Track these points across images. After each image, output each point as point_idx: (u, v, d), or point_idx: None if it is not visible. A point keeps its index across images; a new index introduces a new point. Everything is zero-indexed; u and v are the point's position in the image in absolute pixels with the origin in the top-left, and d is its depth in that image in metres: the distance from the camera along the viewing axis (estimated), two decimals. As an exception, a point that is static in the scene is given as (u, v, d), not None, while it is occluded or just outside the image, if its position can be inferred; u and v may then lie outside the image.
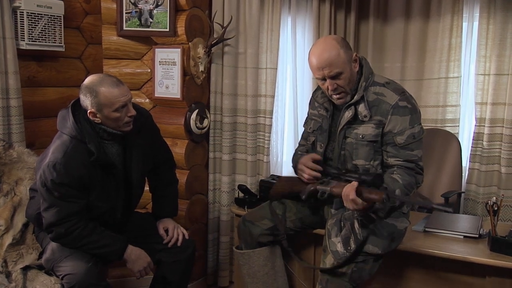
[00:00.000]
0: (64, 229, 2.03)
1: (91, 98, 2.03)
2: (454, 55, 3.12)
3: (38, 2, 2.90)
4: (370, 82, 2.02)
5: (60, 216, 2.02)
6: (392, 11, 3.30)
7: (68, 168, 1.99)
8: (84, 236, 2.05)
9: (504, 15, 2.93)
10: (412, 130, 1.95)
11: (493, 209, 1.77)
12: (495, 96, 2.98)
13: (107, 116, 2.05)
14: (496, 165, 3.01)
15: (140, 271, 2.16)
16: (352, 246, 1.87)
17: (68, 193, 2.01)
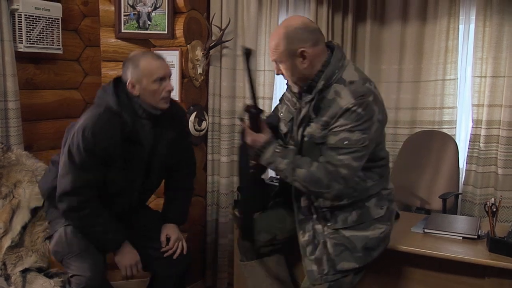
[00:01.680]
0: (77, 202, 2.00)
1: (132, 69, 2.03)
2: (451, 57, 3.14)
3: (36, 5, 2.89)
4: (335, 79, 1.81)
5: (76, 185, 1.99)
6: (389, 13, 3.32)
7: (96, 136, 1.97)
8: (93, 216, 2.04)
9: (500, 17, 2.95)
10: (349, 135, 1.72)
11: (492, 210, 1.78)
12: (492, 98, 3.00)
13: (146, 88, 2.02)
14: (493, 167, 3.03)
15: (127, 266, 2.13)
16: (325, 267, 1.83)
17: (90, 162, 1.98)
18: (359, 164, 1.76)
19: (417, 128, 3.26)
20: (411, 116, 3.29)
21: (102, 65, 3.11)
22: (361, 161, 1.77)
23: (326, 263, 1.83)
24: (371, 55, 3.39)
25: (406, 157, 3.18)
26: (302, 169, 1.76)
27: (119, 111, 2.01)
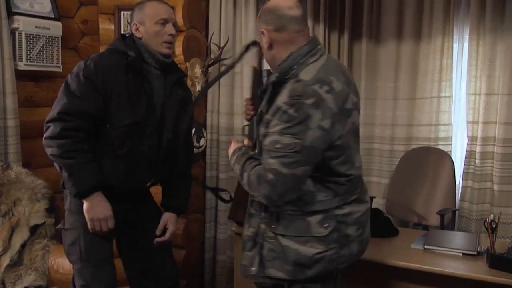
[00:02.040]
0: (60, 128, 1.86)
1: (137, 11, 2.04)
2: (446, 75, 3.19)
3: (37, 24, 2.94)
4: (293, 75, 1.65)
5: (65, 110, 1.87)
6: (384, 32, 3.36)
7: (98, 64, 1.93)
8: (73, 149, 1.87)
9: (493, 36, 3.00)
10: (280, 138, 1.58)
11: (491, 226, 1.80)
12: (486, 115, 3.04)
13: (148, 29, 2.00)
14: (488, 183, 3.06)
15: (94, 219, 1.91)
16: (255, 267, 1.75)
17: (86, 89, 1.89)
18: (289, 171, 1.58)
19: (413, 145, 3.29)
20: (407, 132, 3.32)
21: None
22: (293, 168, 1.58)
23: (257, 264, 1.74)
24: (367, 73, 3.43)
25: (403, 173, 3.21)
26: (245, 172, 1.70)
27: (125, 50, 1.98)
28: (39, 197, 2.45)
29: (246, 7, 3.16)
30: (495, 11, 2.96)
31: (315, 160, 1.61)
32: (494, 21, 2.98)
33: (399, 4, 3.29)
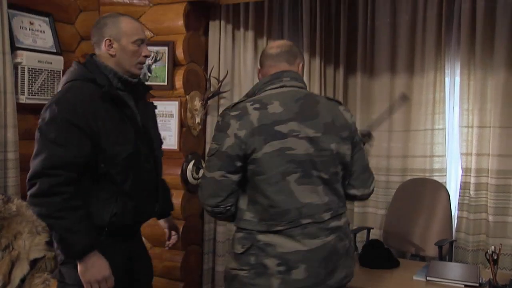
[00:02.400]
0: (49, 184, 1.64)
1: (111, 24, 1.82)
2: (439, 108, 3.28)
3: (39, 58, 2.98)
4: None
5: (50, 164, 1.65)
6: (378, 66, 3.46)
7: (74, 102, 1.70)
8: (63, 208, 1.66)
9: (483, 72, 3.11)
10: (210, 145, 1.80)
11: (493, 258, 1.84)
12: (479, 147, 3.12)
13: (124, 48, 1.82)
14: (483, 214, 3.11)
15: (92, 282, 1.72)
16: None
17: (68, 134, 1.68)
18: (209, 173, 1.74)
19: (409, 176, 3.35)
20: (402, 164, 3.38)
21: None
22: (212, 172, 1.73)
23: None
24: (362, 105, 3.51)
25: (400, 204, 3.25)
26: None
27: (93, 77, 1.78)
28: (40, 230, 2.43)
29: (245, 42, 3.24)
30: (484, 48, 3.08)
31: (231, 166, 1.71)
32: (484, 57, 3.09)
33: (392, 40, 3.40)
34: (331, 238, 1.75)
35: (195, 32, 3.15)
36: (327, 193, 1.77)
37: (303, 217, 1.72)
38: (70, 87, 1.76)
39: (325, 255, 1.73)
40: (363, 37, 3.49)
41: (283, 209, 1.71)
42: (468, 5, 3.12)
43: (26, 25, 3.02)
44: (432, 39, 3.26)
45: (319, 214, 1.74)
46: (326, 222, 1.75)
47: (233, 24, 3.22)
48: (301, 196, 1.73)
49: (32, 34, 3.04)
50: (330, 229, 1.76)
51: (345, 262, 1.79)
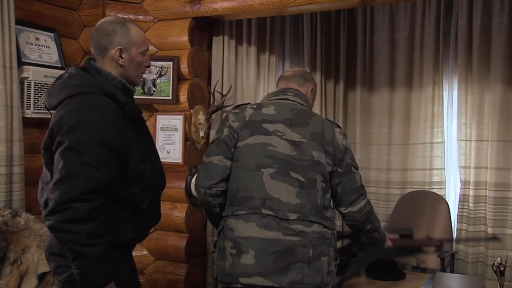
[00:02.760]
0: (85, 211, 1.52)
1: (121, 33, 1.75)
2: (437, 122, 3.34)
3: (45, 73, 3.01)
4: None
5: (86, 188, 1.53)
6: (377, 81, 3.53)
7: (103, 121, 1.61)
8: (97, 235, 1.55)
9: (480, 86, 3.18)
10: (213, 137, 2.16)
11: (500, 269, 1.88)
12: (478, 161, 3.18)
13: (133, 58, 1.78)
14: (482, 226, 3.16)
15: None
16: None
17: (103, 156, 1.59)
18: (207, 159, 2.02)
19: (408, 188, 3.40)
20: (402, 177, 3.44)
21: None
22: (209, 157, 2.02)
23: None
24: (362, 119, 3.57)
25: (400, 216, 3.30)
26: None
27: (111, 93, 1.70)
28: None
29: (247, 57, 3.30)
30: (481, 64, 3.15)
31: (228, 153, 1.95)
32: (481, 73, 3.16)
33: (391, 55, 3.48)
34: (290, 238, 1.82)
35: (198, 47, 3.20)
36: (300, 196, 1.85)
37: (265, 207, 1.84)
38: (93, 103, 1.65)
39: (277, 250, 1.80)
40: (362, 52, 3.56)
41: (248, 195, 1.87)
42: (464, 22, 3.20)
43: (32, 40, 3.05)
44: (430, 54, 3.34)
45: (284, 211, 1.83)
46: (290, 221, 1.83)
47: (236, 40, 3.28)
48: (270, 189, 1.86)
49: (38, 49, 3.07)
50: (292, 230, 1.83)
51: (304, 269, 1.81)
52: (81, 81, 1.72)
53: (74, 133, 1.58)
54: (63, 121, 1.61)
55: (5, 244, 2.37)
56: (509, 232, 3.11)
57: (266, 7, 2.83)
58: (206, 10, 3.00)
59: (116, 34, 1.75)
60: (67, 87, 1.71)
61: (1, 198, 2.74)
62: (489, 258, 3.13)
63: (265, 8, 2.85)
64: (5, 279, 2.30)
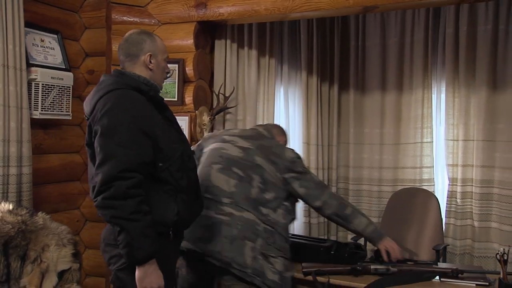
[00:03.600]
0: (125, 187, 1.69)
1: (150, 41, 1.98)
2: (427, 123, 3.54)
3: (52, 74, 3.05)
4: None
5: (124, 167, 1.70)
6: (370, 84, 3.71)
7: (131, 106, 1.80)
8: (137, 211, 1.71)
9: (467, 90, 3.40)
10: None
11: (503, 258, 2.07)
12: (464, 159, 3.40)
13: (159, 64, 2.00)
14: (469, 220, 3.38)
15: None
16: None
17: (134, 137, 1.77)
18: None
19: (399, 186, 3.59)
20: (393, 175, 3.63)
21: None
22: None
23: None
24: (355, 120, 3.74)
25: (393, 212, 3.48)
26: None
27: (138, 86, 1.90)
28: (65, 243, 2.50)
29: (249, 60, 3.42)
30: (467, 68, 3.37)
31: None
32: (467, 77, 3.38)
33: (382, 60, 3.66)
34: (220, 217, 2.22)
35: (202, 50, 3.30)
36: (236, 187, 2.27)
37: (207, 192, 2.24)
38: (121, 94, 1.84)
39: (206, 224, 2.21)
40: (355, 57, 3.74)
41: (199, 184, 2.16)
42: (452, 30, 3.41)
43: (38, 42, 3.08)
44: (420, 59, 3.53)
45: (220, 196, 2.25)
46: (223, 204, 2.24)
47: (237, 43, 3.40)
48: (214, 179, 2.29)
49: (43, 51, 3.10)
50: (223, 211, 2.23)
51: (226, 245, 2.17)
52: (110, 82, 1.92)
53: (105, 120, 1.77)
54: (98, 113, 1.81)
55: (25, 243, 2.41)
56: (493, 225, 3.33)
57: (272, 13, 2.96)
58: (212, 15, 3.10)
59: (145, 42, 1.98)
60: (98, 90, 1.91)
61: (12, 198, 2.77)
62: (475, 250, 3.36)
63: (271, 14, 2.97)
64: (28, 277, 2.35)
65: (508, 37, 3.24)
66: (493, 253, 3.34)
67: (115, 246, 1.81)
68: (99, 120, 1.79)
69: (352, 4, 2.76)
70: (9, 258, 2.36)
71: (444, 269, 2.31)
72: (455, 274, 2.23)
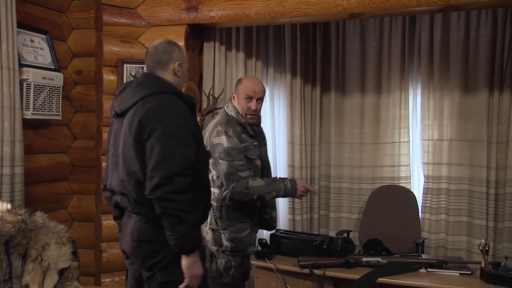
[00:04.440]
0: (186, 182, 1.89)
1: (178, 51, 2.17)
2: (404, 124, 3.74)
3: (43, 75, 3.07)
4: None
5: (184, 164, 1.90)
6: (350, 86, 3.87)
7: (183, 110, 2.02)
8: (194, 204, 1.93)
9: (441, 92, 3.62)
10: None
11: (485, 249, 2.26)
12: (439, 157, 3.61)
13: (184, 71, 2.19)
14: (443, 215, 3.59)
15: (193, 276, 1.95)
16: None
17: (190, 138, 1.98)
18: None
19: (378, 183, 3.77)
20: (372, 173, 3.81)
21: (103, 130, 3.28)
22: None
23: None
24: (335, 120, 3.90)
25: (372, 209, 3.66)
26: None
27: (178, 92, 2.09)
28: (64, 241, 2.54)
29: (236, 62, 3.52)
30: (441, 72, 3.59)
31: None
32: (441, 80, 3.60)
33: (361, 63, 3.83)
34: None
35: (192, 52, 3.38)
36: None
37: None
38: (170, 98, 2.02)
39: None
40: (336, 60, 3.89)
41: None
42: (427, 36, 3.61)
43: (28, 42, 3.08)
44: (397, 63, 3.72)
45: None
46: None
47: (226, 46, 3.49)
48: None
49: (33, 51, 3.11)
50: None
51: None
52: (154, 84, 2.08)
53: (166, 120, 1.94)
54: (152, 112, 1.95)
55: (25, 242, 2.44)
56: (464, 219, 3.56)
57: (262, 17, 3.07)
58: (203, 18, 3.18)
59: (175, 52, 2.16)
60: (140, 90, 2.06)
61: (5, 198, 2.78)
62: (448, 243, 3.58)
63: (261, 18, 3.08)
64: (30, 275, 2.38)
65: (478, 43, 3.47)
66: (464, 246, 3.58)
67: (153, 242, 1.97)
68: (160, 120, 1.93)
69: (340, 11, 2.91)
70: (10, 257, 2.39)
71: (430, 260, 2.48)
72: (440, 264, 2.40)
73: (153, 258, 1.97)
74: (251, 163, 2.73)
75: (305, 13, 2.98)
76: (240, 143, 2.68)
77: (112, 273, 3.38)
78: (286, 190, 2.71)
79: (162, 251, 1.96)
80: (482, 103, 3.46)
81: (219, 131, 2.66)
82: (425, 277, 2.38)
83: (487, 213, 3.44)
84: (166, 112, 1.96)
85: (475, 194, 3.52)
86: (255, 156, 2.77)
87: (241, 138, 2.70)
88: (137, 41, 3.36)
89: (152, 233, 1.96)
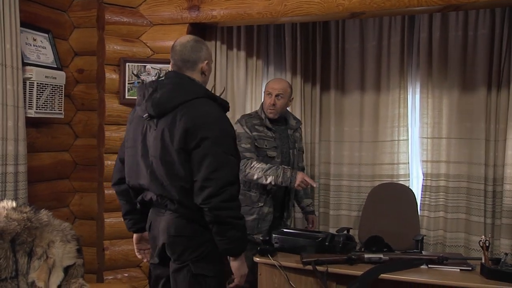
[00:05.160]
0: (236, 191, 1.97)
1: (206, 50, 2.14)
2: (402, 122, 3.78)
3: (46, 73, 3.08)
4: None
5: (234, 173, 1.97)
6: (349, 85, 3.91)
7: (226, 119, 2.04)
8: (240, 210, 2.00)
9: (439, 91, 3.66)
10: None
11: (486, 245, 2.30)
12: (437, 155, 3.66)
13: (210, 69, 2.19)
14: (441, 212, 3.64)
15: (242, 275, 2.06)
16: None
17: (235, 147, 2.03)
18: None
19: (378, 181, 3.81)
20: (372, 171, 3.84)
21: (105, 128, 3.31)
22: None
23: None
24: (335, 118, 3.93)
25: (371, 206, 3.70)
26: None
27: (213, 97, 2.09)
28: (69, 239, 2.55)
29: (237, 61, 3.55)
30: (440, 71, 3.62)
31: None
32: (440, 79, 3.63)
33: (361, 62, 3.86)
34: None
35: (194, 52, 3.39)
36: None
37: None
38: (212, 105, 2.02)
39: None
40: (335, 59, 3.92)
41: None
42: (425, 35, 3.65)
43: (31, 41, 3.10)
44: (396, 62, 3.76)
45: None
46: None
47: (227, 45, 3.51)
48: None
49: (36, 50, 3.12)
50: None
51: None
52: (192, 88, 2.04)
53: (214, 130, 1.94)
54: (200, 121, 1.94)
55: (31, 240, 2.45)
56: (462, 216, 3.61)
57: (264, 16, 3.09)
58: (205, 17, 3.21)
59: (203, 50, 2.12)
60: (180, 93, 2.01)
61: (9, 196, 2.80)
62: (447, 240, 3.62)
63: (263, 17, 3.11)
64: (36, 272, 2.39)
65: (476, 42, 3.51)
66: (462, 242, 3.63)
67: (190, 238, 2.02)
68: (209, 129, 1.93)
69: (342, 10, 2.94)
70: (16, 254, 2.41)
71: (431, 256, 2.52)
72: (441, 260, 2.44)
73: (191, 253, 2.02)
74: (260, 151, 2.98)
75: (307, 12, 3.01)
76: (251, 132, 2.97)
77: (115, 270, 3.40)
78: (284, 177, 2.87)
79: (200, 247, 2.02)
80: (480, 101, 3.50)
81: (236, 122, 3.03)
82: (426, 273, 2.42)
83: (485, 210, 3.49)
84: (213, 120, 1.96)
85: (473, 192, 3.56)
86: (269, 146, 3.01)
87: (254, 129, 2.99)
88: (139, 40, 3.38)
89: (189, 229, 2.02)
